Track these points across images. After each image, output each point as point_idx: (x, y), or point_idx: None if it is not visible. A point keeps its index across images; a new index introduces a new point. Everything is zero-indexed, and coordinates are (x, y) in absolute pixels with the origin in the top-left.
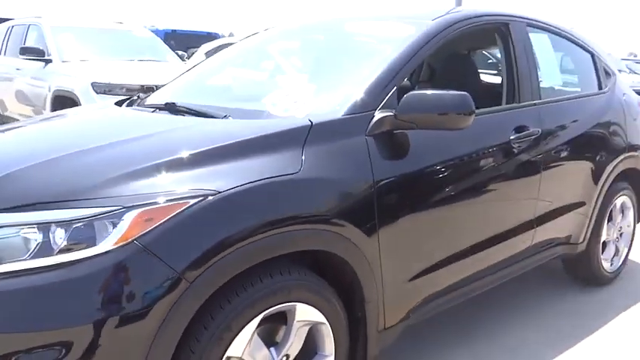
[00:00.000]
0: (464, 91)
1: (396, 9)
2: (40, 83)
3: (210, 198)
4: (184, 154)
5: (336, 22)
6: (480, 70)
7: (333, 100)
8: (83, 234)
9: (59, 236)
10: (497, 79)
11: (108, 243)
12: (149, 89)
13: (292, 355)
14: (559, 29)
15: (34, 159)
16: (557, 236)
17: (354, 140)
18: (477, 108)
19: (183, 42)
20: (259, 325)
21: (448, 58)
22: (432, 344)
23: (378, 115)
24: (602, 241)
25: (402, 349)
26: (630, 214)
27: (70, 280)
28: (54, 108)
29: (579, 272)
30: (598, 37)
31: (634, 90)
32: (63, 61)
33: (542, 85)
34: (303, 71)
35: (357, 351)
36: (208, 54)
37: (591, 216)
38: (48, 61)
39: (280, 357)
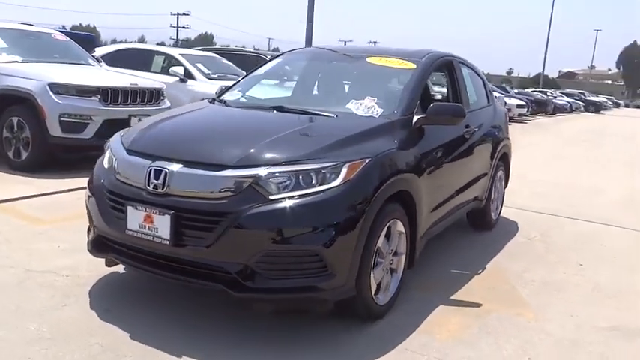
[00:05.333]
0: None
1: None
2: None
3: (374, 158)
4: (348, 135)
5: (359, 54)
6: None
7: (389, 107)
8: (323, 177)
9: (313, 178)
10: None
11: (337, 181)
12: (104, 91)
13: (393, 250)
14: (470, 64)
15: (261, 139)
16: (477, 194)
17: (408, 130)
18: None
19: None
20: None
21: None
22: None
23: (416, 117)
24: (492, 200)
25: None
26: (502, 182)
27: (322, 199)
28: None
29: (478, 220)
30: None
31: None
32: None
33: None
34: (352, 90)
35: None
36: (104, 57)
37: (489, 182)
38: None
39: (390, 248)
